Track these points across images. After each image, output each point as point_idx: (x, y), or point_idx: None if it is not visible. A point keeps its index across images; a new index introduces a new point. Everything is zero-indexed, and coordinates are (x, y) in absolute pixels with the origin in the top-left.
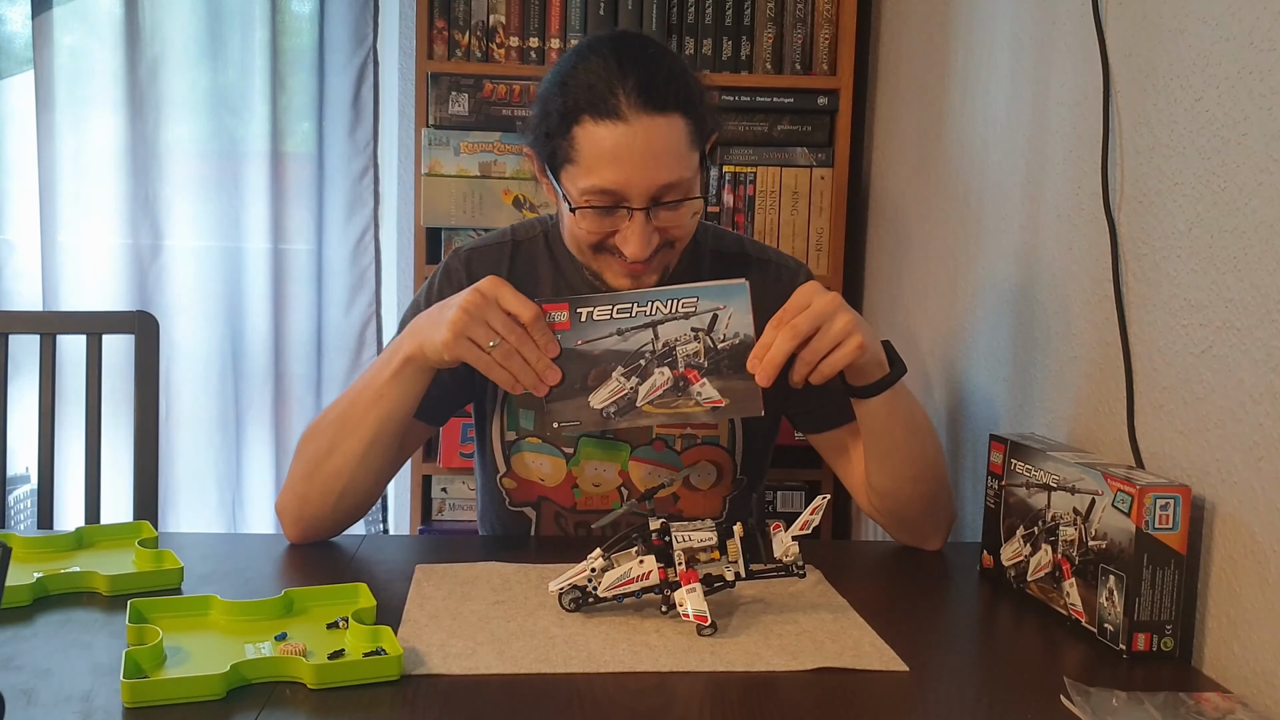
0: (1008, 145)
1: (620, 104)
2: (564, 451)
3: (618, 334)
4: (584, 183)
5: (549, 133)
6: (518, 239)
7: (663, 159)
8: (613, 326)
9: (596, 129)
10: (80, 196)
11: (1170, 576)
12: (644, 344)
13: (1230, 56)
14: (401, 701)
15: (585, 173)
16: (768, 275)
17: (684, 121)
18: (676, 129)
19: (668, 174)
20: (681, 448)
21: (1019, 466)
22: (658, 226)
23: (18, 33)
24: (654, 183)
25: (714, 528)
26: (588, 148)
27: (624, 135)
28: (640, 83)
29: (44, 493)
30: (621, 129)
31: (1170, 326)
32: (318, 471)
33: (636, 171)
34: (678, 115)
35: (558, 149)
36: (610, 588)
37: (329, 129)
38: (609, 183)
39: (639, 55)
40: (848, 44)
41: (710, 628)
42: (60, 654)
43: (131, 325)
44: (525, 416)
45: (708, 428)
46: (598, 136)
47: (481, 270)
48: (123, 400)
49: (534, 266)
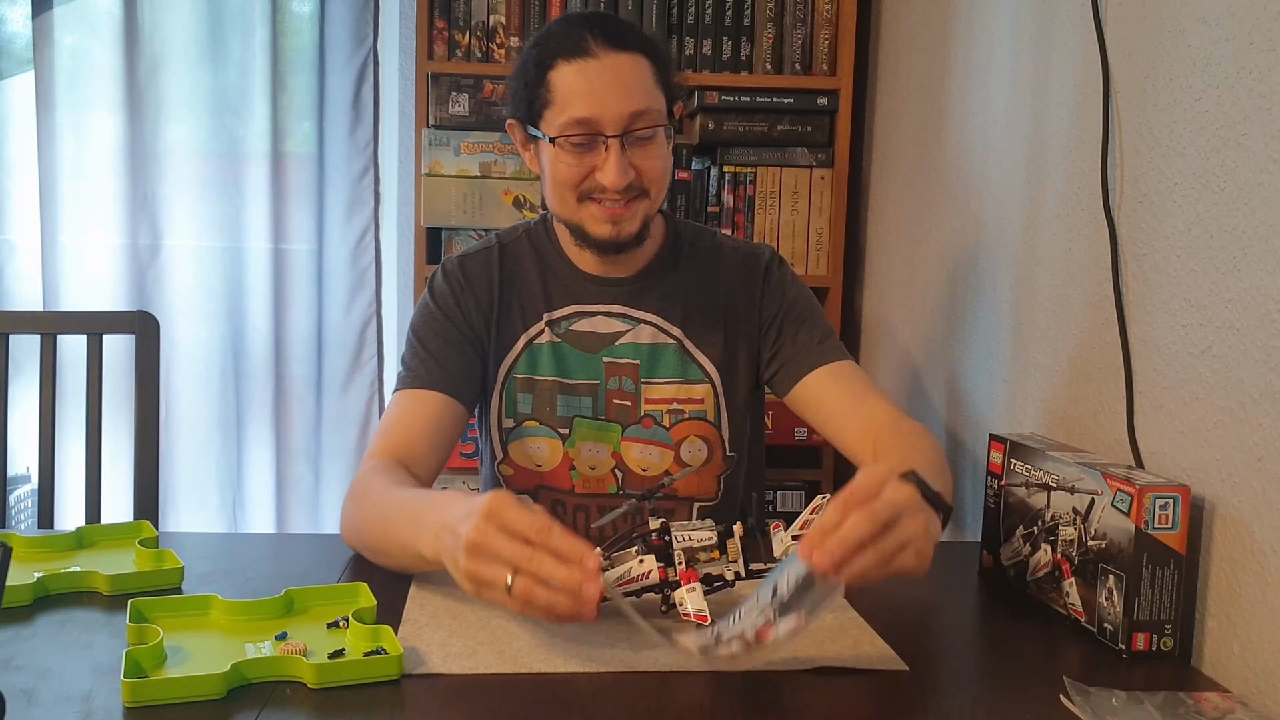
0: (1008, 145)
1: (589, 43)
2: (560, 433)
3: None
4: (561, 118)
5: (527, 83)
6: (503, 242)
7: (630, 89)
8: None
9: (568, 67)
10: (80, 196)
11: (1170, 576)
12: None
13: (1230, 56)
14: (401, 701)
15: (561, 109)
16: (738, 262)
17: (648, 63)
18: (642, 66)
19: (636, 102)
20: (670, 423)
21: (1018, 466)
22: (633, 163)
23: (18, 33)
24: (625, 109)
25: (714, 527)
26: (562, 86)
27: (594, 68)
28: (606, 27)
29: (44, 493)
30: (592, 64)
31: (1170, 326)
32: (372, 548)
33: (609, 99)
34: (641, 56)
35: (535, 98)
36: (610, 588)
37: (329, 129)
38: (584, 111)
39: (608, 15)
40: (848, 44)
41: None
42: (61, 654)
43: (132, 325)
44: (524, 401)
45: (694, 401)
46: (570, 74)
47: (475, 270)
48: (123, 400)
49: (521, 262)
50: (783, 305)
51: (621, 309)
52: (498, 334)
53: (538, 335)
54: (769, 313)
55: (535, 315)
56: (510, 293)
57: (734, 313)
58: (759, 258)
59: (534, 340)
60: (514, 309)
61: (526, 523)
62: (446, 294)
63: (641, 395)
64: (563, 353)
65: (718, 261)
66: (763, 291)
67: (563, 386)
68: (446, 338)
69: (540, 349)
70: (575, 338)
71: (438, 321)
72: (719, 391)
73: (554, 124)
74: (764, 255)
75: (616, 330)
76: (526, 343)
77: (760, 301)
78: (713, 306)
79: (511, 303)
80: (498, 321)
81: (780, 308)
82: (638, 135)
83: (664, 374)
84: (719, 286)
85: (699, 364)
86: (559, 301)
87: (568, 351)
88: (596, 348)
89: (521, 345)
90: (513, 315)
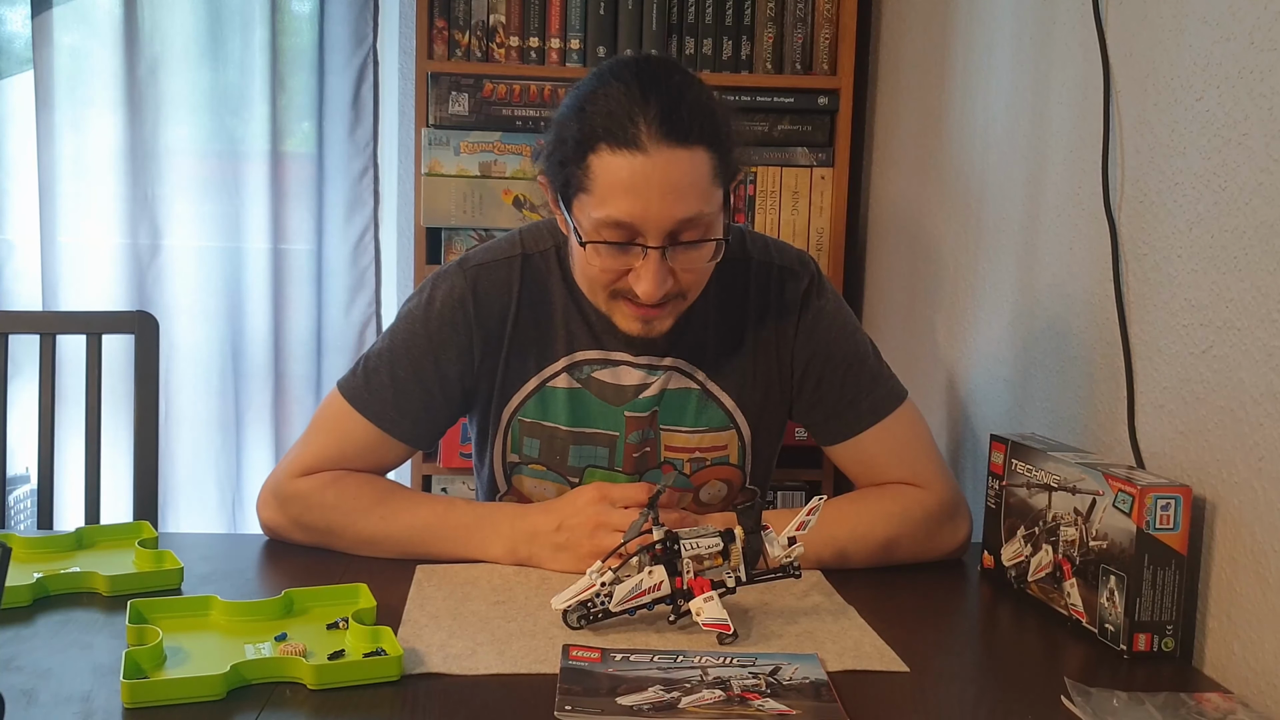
0: (1008, 145)
1: (640, 133)
2: (569, 481)
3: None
4: (597, 214)
5: (563, 160)
6: (527, 251)
7: (682, 193)
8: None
9: (613, 158)
10: (80, 196)
11: (1171, 577)
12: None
13: (1230, 56)
14: (401, 701)
15: (599, 203)
16: (770, 281)
17: (707, 155)
18: (699, 163)
19: (686, 208)
20: (691, 470)
21: (1020, 467)
22: (673, 268)
23: (18, 33)
24: (671, 217)
25: (718, 534)
26: (603, 177)
27: (642, 166)
28: (662, 112)
29: (44, 493)
30: (640, 159)
31: (1170, 326)
32: (324, 528)
33: (654, 205)
34: (701, 148)
35: (571, 177)
36: (622, 602)
37: (329, 129)
38: (624, 214)
39: (663, 83)
40: (848, 44)
41: (732, 636)
42: (60, 654)
43: (131, 325)
44: (530, 445)
45: (717, 449)
46: (614, 166)
47: (490, 292)
48: (123, 400)
49: (546, 285)
50: (821, 348)
51: (648, 360)
52: (506, 371)
53: (553, 378)
54: (804, 355)
55: (552, 354)
56: (529, 321)
57: (764, 345)
58: (796, 283)
59: (548, 382)
60: (530, 342)
61: (632, 492)
62: (444, 326)
63: (661, 442)
64: (581, 400)
65: (747, 276)
66: (797, 330)
67: (576, 436)
68: (420, 378)
69: (555, 394)
70: (597, 387)
71: (420, 354)
72: (743, 432)
73: (589, 216)
74: (801, 280)
75: (640, 382)
76: (539, 384)
77: (794, 341)
78: (740, 336)
79: (529, 334)
80: (508, 359)
81: (818, 351)
82: (683, 242)
83: (686, 423)
84: (747, 310)
85: (724, 409)
86: (582, 343)
87: (588, 400)
88: (619, 400)
89: (533, 386)
90: (527, 352)
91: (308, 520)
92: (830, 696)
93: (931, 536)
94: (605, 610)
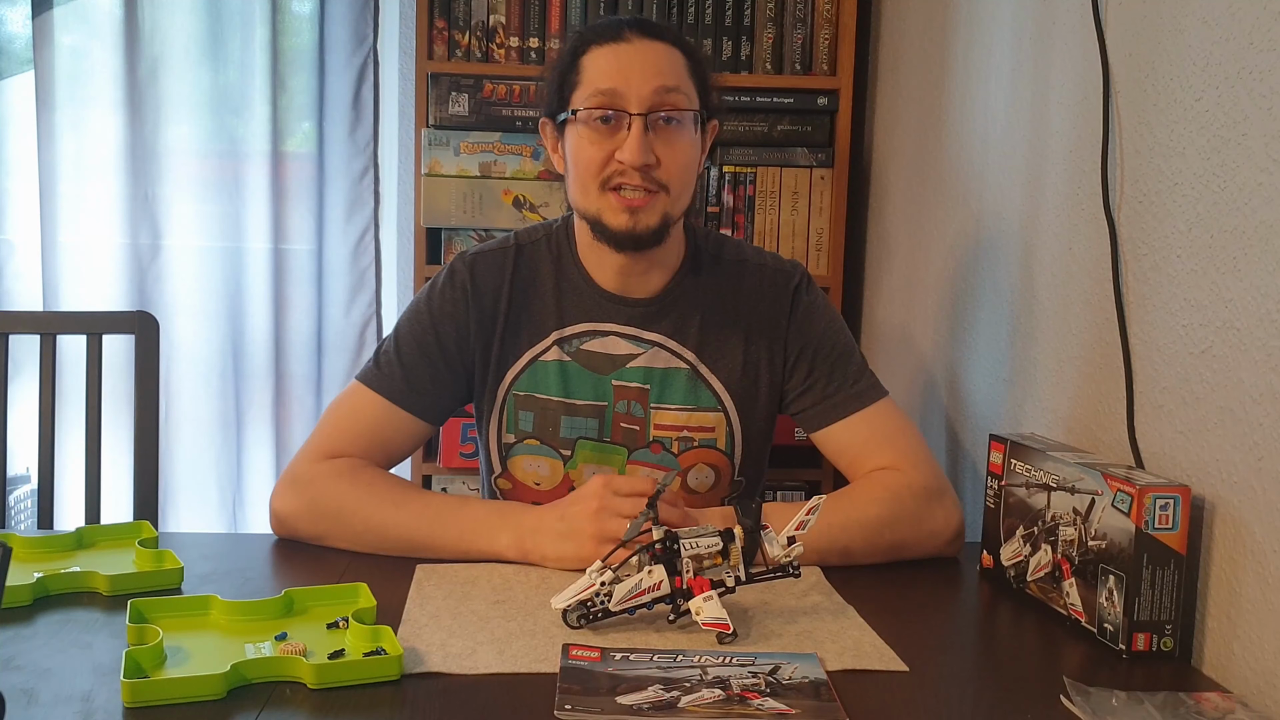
0: (1008, 145)
1: (623, 30)
2: (562, 454)
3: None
4: (586, 93)
5: (562, 72)
6: (520, 243)
7: (660, 68)
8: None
9: (600, 50)
10: (80, 196)
11: (1170, 576)
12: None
13: (1230, 56)
14: (401, 701)
15: (588, 85)
16: (764, 280)
17: (682, 56)
18: (675, 57)
19: (663, 79)
20: (679, 450)
21: (1019, 466)
22: (655, 149)
23: (18, 33)
24: (650, 86)
25: (718, 533)
26: (591, 67)
27: (624, 49)
28: (642, 20)
29: (44, 493)
30: (622, 46)
31: (1170, 326)
32: (335, 511)
33: (634, 75)
34: (677, 50)
35: (566, 84)
36: (622, 601)
37: (329, 129)
38: (608, 82)
39: (645, 16)
40: (848, 44)
41: (732, 635)
42: (60, 654)
43: (131, 325)
44: (525, 419)
45: (705, 430)
46: (600, 55)
47: (486, 274)
48: (123, 400)
49: (537, 269)
50: (812, 339)
51: (635, 331)
52: (500, 348)
53: (544, 352)
54: (796, 345)
55: (544, 330)
56: (521, 303)
57: (755, 336)
58: (786, 280)
59: (539, 357)
60: (522, 322)
61: (636, 484)
62: (445, 303)
63: (650, 420)
64: (570, 372)
65: (740, 277)
66: (789, 320)
67: (568, 407)
68: (424, 351)
69: (546, 367)
70: (585, 357)
71: (423, 329)
72: (732, 419)
73: (579, 101)
74: (793, 278)
75: (628, 352)
76: (531, 359)
77: (786, 331)
78: (732, 327)
79: (521, 314)
80: (502, 336)
81: (809, 342)
82: (662, 117)
83: (674, 400)
84: (740, 305)
85: (712, 390)
86: (571, 318)
87: (576, 371)
88: (606, 369)
89: (525, 361)
90: (520, 328)
91: (322, 502)
92: (830, 696)
93: (922, 518)
94: (605, 610)
